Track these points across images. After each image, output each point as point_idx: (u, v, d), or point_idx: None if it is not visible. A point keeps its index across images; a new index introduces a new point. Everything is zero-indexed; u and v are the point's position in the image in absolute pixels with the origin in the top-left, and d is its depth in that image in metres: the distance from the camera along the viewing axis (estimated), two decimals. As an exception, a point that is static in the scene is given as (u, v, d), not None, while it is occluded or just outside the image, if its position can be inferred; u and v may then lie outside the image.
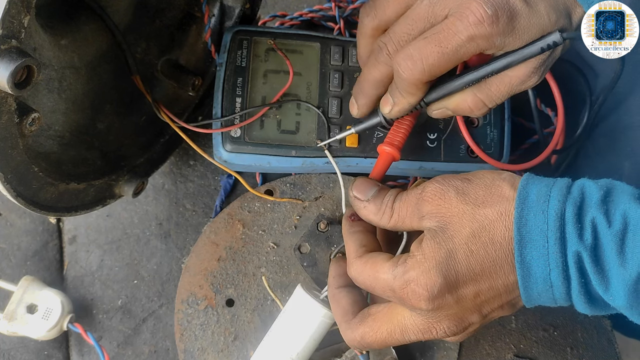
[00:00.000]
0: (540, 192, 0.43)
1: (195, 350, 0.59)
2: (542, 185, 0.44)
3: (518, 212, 0.43)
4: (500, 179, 0.45)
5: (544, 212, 0.42)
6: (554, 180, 0.44)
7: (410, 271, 0.44)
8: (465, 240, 0.44)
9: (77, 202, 0.55)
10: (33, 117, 0.46)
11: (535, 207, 0.43)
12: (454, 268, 0.43)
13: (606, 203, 0.42)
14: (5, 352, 0.61)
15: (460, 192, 0.45)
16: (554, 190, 0.43)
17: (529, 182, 0.44)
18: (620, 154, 0.63)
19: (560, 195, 0.43)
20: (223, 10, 0.65)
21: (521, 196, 0.43)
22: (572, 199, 0.42)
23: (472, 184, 0.45)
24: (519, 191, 0.44)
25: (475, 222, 0.44)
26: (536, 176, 0.45)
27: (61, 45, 0.53)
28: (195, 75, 0.64)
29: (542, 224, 0.42)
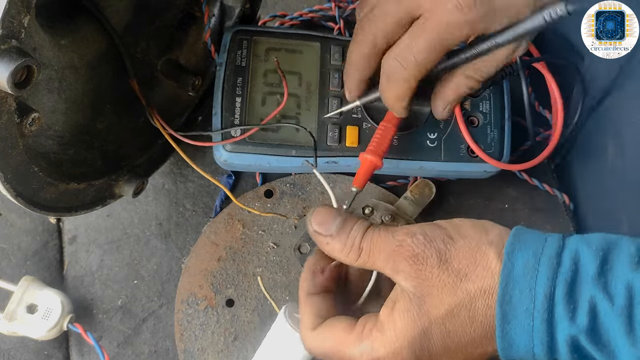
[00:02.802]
0: (527, 263, 0.39)
1: (195, 350, 0.59)
2: (529, 254, 0.39)
3: (502, 287, 0.39)
4: (486, 244, 0.41)
5: (530, 289, 0.39)
6: (542, 245, 0.40)
7: (380, 349, 0.41)
8: (442, 318, 0.40)
9: (77, 202, 0.55)
10: (33, 117, 0.46)
11: (521, 282, 0.39)
12: (428, 348, 0.41)
13: (604, 274, 0.38)
14: (5, 352, 0.61)
15: (443, 259, 0.41)
16: (542, 261, 0.39)
17: (515, 249, 0.40)
18: (605, 134, 0.62)
19: (549, 269, 0.39)
20: (223, 10, 0.65)
21: (506, 269, 0.39)
22: (563, 275, 0.38)
23: (456, 247, 0.41)
24: (504, 262, 0.40)
25: (456, 297, 0.40)
26: (524, 233, 0.41)
27: (61, 45, 0.53)
28: (195, 75, 0.64)
29: (528, 303, 0.38)
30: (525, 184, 0.66)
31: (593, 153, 0.64)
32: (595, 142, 0.63)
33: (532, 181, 0.66)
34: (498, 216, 0.65)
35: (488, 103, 0.62)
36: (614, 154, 0.60)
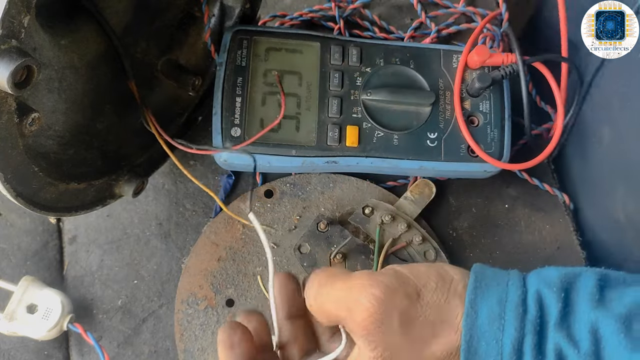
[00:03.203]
0: (492, 313, 0.36)
1: (195, 350, 0.59)
2: (493, 302, 0.36)
3: (466, 340, 0.36)
4: (454, 295, 0.37)
5: (497, 341, 0.36)
6: (505, 288, 0.37)
7: None
8: None
9: (77, 202, 0.55)
10: (33, 117, 0.46)
11: (487, 333, 0.36)
12: None
13: (567, 318, 0.36)
14: (5, 352, 0.61)
15: (405, 322, 0.37)
16: (508, 309, 0.36)
17: (478, 296, 0.37)
18: (600, 121, 0.61)
19: (516, 319, 0.36)
20: (223, 10, 0.65)
21: (469, 319, 0.36)
22: (530, 323, 0.36)
23: (421, 305, 0.37)
24: (467, 311, 0.36)
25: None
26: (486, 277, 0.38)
27: (61, 45, 0.53)
28: (195, 75, 0.64)
29: (496, 355, 0.35)
30: (525, 184, 0.66)
31: (588, 139, 0.64)
32: (590, 128, 0.63)
33: (532, 181, 0.66)
34: (498, 216, 0.65)
35: (488, 103, 0.62)
36: (609, 140, 0.59)
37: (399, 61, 0.63)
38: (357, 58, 0.62)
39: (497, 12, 0.69)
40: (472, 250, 0.64)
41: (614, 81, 0.57)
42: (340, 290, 0.39)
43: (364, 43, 0.64)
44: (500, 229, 0.65)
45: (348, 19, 0.72)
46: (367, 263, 0.60)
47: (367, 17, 0.72)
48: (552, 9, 0.61)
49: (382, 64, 0.63)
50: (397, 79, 0.62)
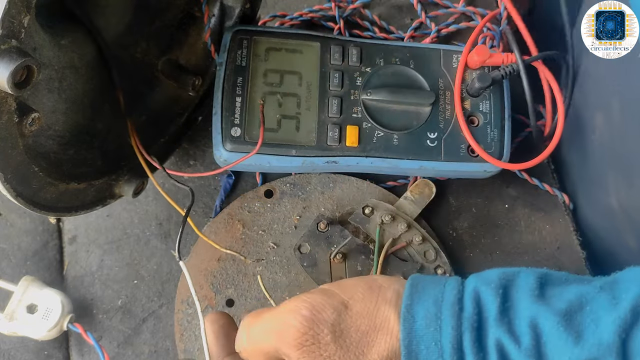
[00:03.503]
0: (428, 314, 0.36)
1: (195, 350, 0.59)
2: (429, 303, 0.36)
3: (405, 345, 0.35)
4: (384, 302, 0.37)
5: (436, 342, 0.35)
6: (442, 290, 0.37)
7: None
8: None
9: (77, 202, 0.55)
10: (33, 117, 0.46)
11: (425, 336, 0.35)
12: None
13: (507, 312, 0.35)
14: (5, 352, 0.61)
15: (338, 332, 0.36)
16: (444, 309, 0.36)
17: (414, 301, 0.36)
18: (591, 108, 0.61)
19: (452, 316, 0.35)
20: (223, 10, 0.65)
21: (407, 323, 0.36)
22: (467, 320, 0.35)
23: (350, 316, 0.37)
24: (404, 316, 0.36)
25: None
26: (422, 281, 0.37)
27: (61, 45, 0.53)
28: (195, 75, 0.64)
29: (437, 358, 0.35)
30: (525, 183, 0.66)
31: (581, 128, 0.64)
32: (583, 116, 0.63)
33: (532, 181, 0.66)
34: (498, 216, 0.65)
35: (488, 103, 0.62)
36: (602, 127, 0.59)
37: (399, 61, 0.63)
38: (357, 58, 0.62)
39: (497, 12, 0.69)
40: (472, 250, 0.64)
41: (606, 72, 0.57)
42: (268, 321, 0.39)
43: (364, 43, 0.64)
44: (500, 229, 0.65)
45: (348, 19, 0.72)
46: (367, 263, 0.60)
47: (367, 17, 0.72)
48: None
49: (382, 64, 0.63)
50: (397, 79, 0.62)
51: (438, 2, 0.73)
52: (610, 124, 0.58)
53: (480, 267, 0.64)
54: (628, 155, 0.54)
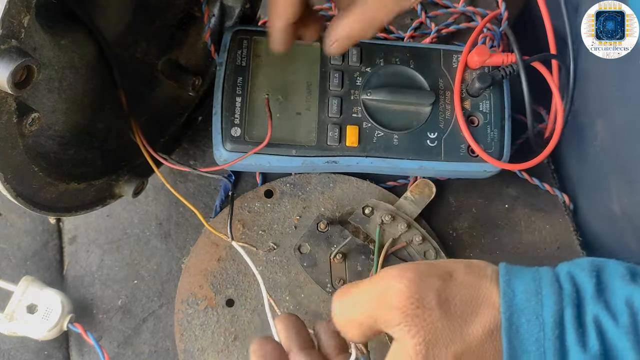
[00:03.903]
0: (528, 288, 0.36)
1: (195, 350, 0.59)
2: (528, 280, 0.36)
3: (506, 317, 0.35)
4: (485, 277, 0.37)
5: (538, 316, 0.35)
6: (537, 271, 0.37)
7: None
8: None
9: (77, 202, 0.55)
10: (33, 117, 0.46)
11: (526, 309, 0.35)
12: None
13: (602, 292, 0.36)
14: (5, 352, 0.61)
15: (443, 299, 0.36)
16: (544, 285, 0.36)
17: (512, 277, 0.37)
18: (591, 115, 0.61)
19: (553, 292, 0.36)
20: (223, 10, 0.65)
21: (507, 296, 0.36)
22: (568, 297, 0.36)
23: (455, 284, 0.37)
24: (503, 289, 0.36)
25: (463, 344, 0.36)
26: (514, 266, 0.38)
27: (61, 45, 0.53)
28: (195, 75, 0.64)
29: (538, 332, 0.35)
30: (525, 183, 0.67)
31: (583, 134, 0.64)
32: (584, 122, 0.63)
33: (532, 181, 0.66)
34: (498, 216, 0.65)
35: (488, 103, 0.62)
36: (603, 133, 0.59)
37: (399, 61, 0.63)
38: (357, 58, 0.62)
39: (497, 12, 0.69)
40: (472, 250, 0.64)
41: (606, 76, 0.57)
42: (367, 288, 0.38)
43: (363, 43, 0.64)
44: (500, 229, 0.65)
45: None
46: (367, 263, 0.60)
47: (367, 17, 0.72)
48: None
49: (382, 63, 0.63)
50: (397, 78, 0.62)
51: (438, 2, 0.73)
52: (612, 129, 0.57)
53: (480, 267, 0.64)
54: (630, 162, 0.54)
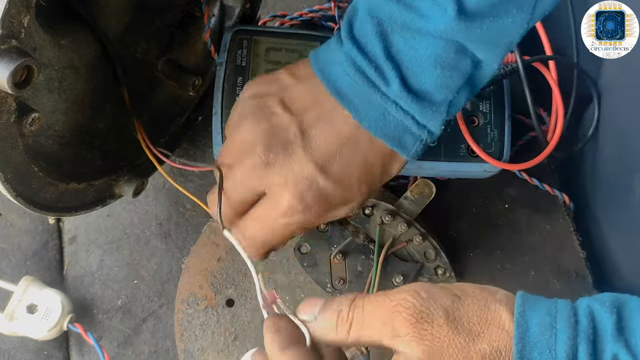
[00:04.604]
0: (543, 322, 0.36)
1: (195, 350, 0.59)
2: (543, 313, 0.36)
3: (518, 349, 0.35)
4: (496, 302, 0.38)
5: (550, 350, 0.35)
6: (554, 304, 0.37)
7: None
8: None
9: (77, 202, 0.55)
10: (33, 117, 0.46)
11: (539, 343, 0.35)
12: None
13: (622, 331, 0.35)
14: (5, 352, 0.61)
15: (452, 317, 0.37)
16: (559, 320, 0.36)
17: (527, 308, 0.37)
18: (629, 167, 0.60)
19: (568, 327, 0.35)
20: (223, 10, 0.65)
21: (520, 328, 0.36)
22: (583, 333, 0.35)
23: (463, 305, 0.38)
24: (517, 320, 0.36)
25: (468, 359, 0.36)
26: (531, 296, 0.38)
27: (61, 45, 0.53)
28: (195, 75, 0.64)
29: None
30: (525, 184, 0.67)
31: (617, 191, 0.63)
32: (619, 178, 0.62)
33: (532, 181, 0.66)
34: (498, 216, 0.65)
35: (488, 103, 0.62)
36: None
37: (399, 61, 0.63)
38: None
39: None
40: (472, 250, 0.64)
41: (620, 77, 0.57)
42: (382, 300, 0.39)
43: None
44: (500, 229, 0.65)
45: (348, 19, 0.72)
46: (367, 263, 0.59)
47: (367, 17, 0.72)
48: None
49: (382, 64, 0.63)
50: (397, 79, 0.62)
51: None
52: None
53: (480, 267, 0.64)
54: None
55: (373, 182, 0.48)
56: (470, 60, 0.45)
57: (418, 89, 0.45)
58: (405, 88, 0.44)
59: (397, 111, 0.45)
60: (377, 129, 0.45)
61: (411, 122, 0.45)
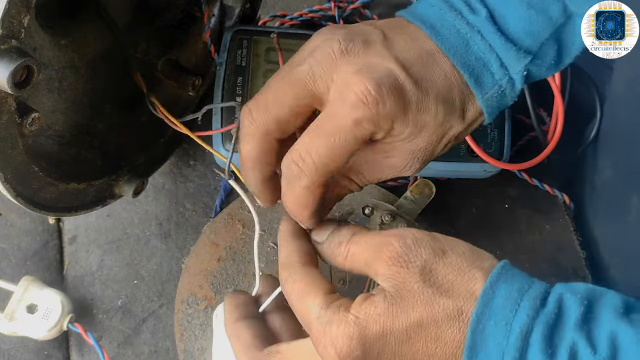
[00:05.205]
0: (509, 296, 0.37)
1: (195, 350, 0.59)
2: (513, 289, 0.37)
3: (477, 314, 0.36)
4: (478, 268, 0.39)
5: (507, 323, 0.36)
6: (529, 283, 0.38)
7: (334, 325, 0.38)
8: (408, 325, 0.38)
9: (77, 202, 0.55)
10: (33, 117, 0.46)
11: (499, 314, 0.36)
12: (380, 349, 0.38)
13: (587, 322, 0.36)
14: (5, 352, 0.61)
15: (427, 270, 0.38)
16: (526, 298, 0.37)
17: (500, 280, 0.38)
18: (631, 168, 0.60)
19: (531, 307, 0.36)
20: (223, 10, 0.65)
21: (485, 296, 0.37)
22: (544, 316, 0.36)
23: (445, 262, 0.39)
24: (484, 289, 0.37)
25: (429, 310, 0.37)
26: (512, 270, 0.39)
27: (61, 45, 0.53)
28: (195, 75, 0.64)
29: (502, 338, 0.36)
30: (525, 184, 0.67)
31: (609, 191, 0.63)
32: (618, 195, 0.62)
33: (532, 181, 0.66)
34: (498, 216, 0.65)
35: (488, 103, 0.62)
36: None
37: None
38: None
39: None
40: (472, 250, 0.64)
41: None
42: (372, 238, 0.41)
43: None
44: (500, 229, 0.65)
45: (348, 19, 0.72)
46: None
47: (367, 17, 0.72)
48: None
49: (382, 64, 0.63)
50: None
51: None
52: None
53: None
54: None
55: (451, 114, 0.42)
56: (561, 6, 0.42)
57: (503, 24, 0.42)
58: (492, 20, 0.42)
59: (481, 41, 0.42)
60: (458, 57, 0.42)
61: (494, 59, 0.42)
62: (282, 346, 0.44)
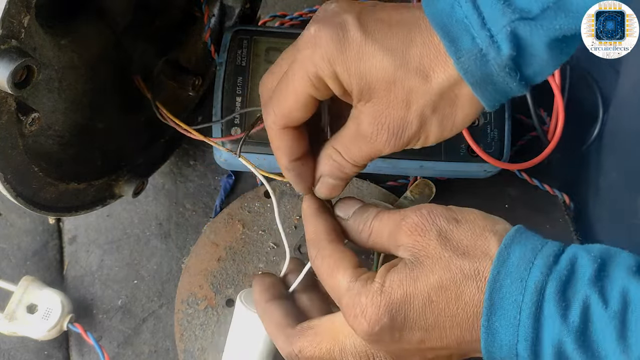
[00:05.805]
0: (523, 256, 0.39)
1: (195, 350, 0.59)
2: (527, 249, 0.39)
3: (494, 274, 0.38)
4: (490, 231, 0.41)
5: (522, 280, 0.38)
6: (542, 244, 0.40)
7: (363, 296, 0.41)
8: (429, 287, 0.40)
9: (77, 202, 0.55)
10: (33, 117, 0.46)
11: (514, 273, 0.38)
12: (405, 312, 0.40)
13: (601, 279, 0.37)
14: (5, 352, 0.61)
15: (443, 235, 0.41)
16: (539, 257, 0.38)
17: (515, 242, 0.40)
18: (632, 169, 0.60)
19: (544, 265, 0.38)
20: (223, 10, 0.65)
21: (501, 257, 0.39)
22: (557, 273, 0.38)
23: (459, 228, 0.42)
24: (500, 251, 0.39)
25: (448, 272, 0.40)
26: (526, 233, 0.41)
27: (61, 45, 0.53)
28: (195, 75, 0.64)
29: (517, 294, 0.38)
30: (525, 184, 0.66)
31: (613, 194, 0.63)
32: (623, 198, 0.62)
33: (532, 181, 0.66)
34: (498, 216, 0.65)
35: (488, 103, 0.62)
36: None
37: (399, 61, 0.63)
38: None
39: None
40: (472, 250, 0.64)
41: None
42: (392, 216, 0.44)
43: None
44: (500, 229, 0.65)
45: (348, 19, 0.72)
46: (367, 263, 0.60)
47: (367, 17, 0.72)
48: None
49: (382, 64, 0.63)
50: (397, 79, 0.62)
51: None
52: None
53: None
54: None
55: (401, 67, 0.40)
56: None
57: None
58: None
59: (466, 4, 0.38)
60: (437, 20, 0.39)
61: (476, 19, 0.38)
62: (314, 322, 0.46)
